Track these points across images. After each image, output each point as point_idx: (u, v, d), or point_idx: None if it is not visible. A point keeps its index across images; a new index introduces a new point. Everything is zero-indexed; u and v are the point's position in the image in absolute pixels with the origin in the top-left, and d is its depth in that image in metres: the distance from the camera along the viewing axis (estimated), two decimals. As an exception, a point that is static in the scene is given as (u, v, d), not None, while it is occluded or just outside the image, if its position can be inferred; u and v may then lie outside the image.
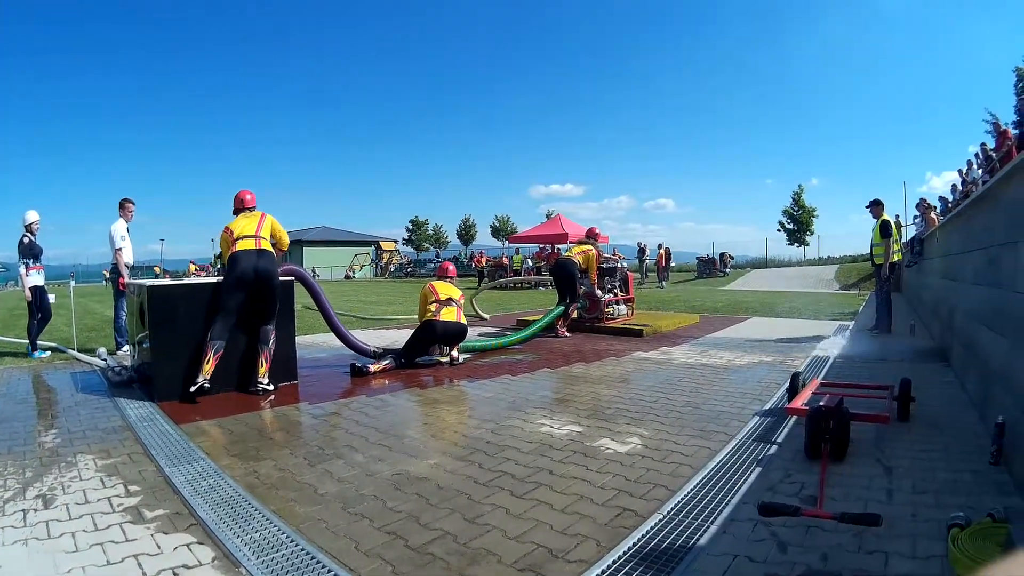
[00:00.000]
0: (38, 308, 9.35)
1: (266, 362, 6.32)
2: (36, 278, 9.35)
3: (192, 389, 5.86)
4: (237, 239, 6.34)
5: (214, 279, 6.73)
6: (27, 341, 9.51)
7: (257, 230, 6.49)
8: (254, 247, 6.34)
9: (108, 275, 9.89)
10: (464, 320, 7.97)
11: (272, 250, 6.47)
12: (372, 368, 7.29)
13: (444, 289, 8.10)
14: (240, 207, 6.77)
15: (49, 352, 9.53)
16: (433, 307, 7.89)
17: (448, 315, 7.80)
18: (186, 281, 6.88)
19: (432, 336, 7.81)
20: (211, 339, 6.02)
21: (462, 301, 8.07)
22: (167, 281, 6.93)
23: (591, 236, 11.46)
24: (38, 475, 4.03)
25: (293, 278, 7.05)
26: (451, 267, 8.84)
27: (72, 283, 13.04)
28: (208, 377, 5.93)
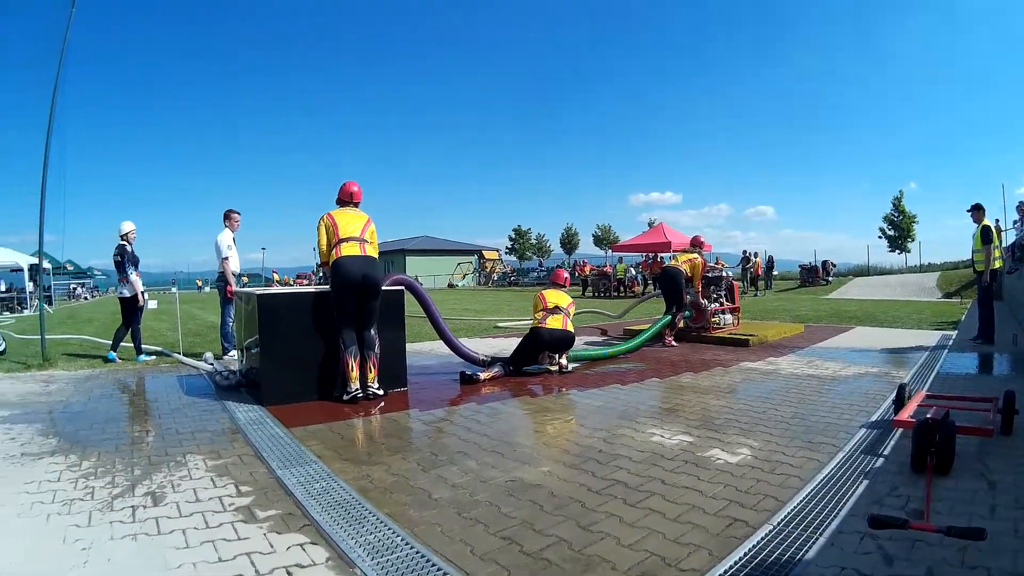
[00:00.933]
0: (133, 314, 10.31)
1: (375, 367, 6.76)
2: (137, 285, 10.29)
3: (346, 398, 6.52)
4: (342, 240, 6.69)
5: (322, 288, 7.25)
6: (111, 344, 10.50)
7: (362, 233, 6.83)
8: (359, 252, 6.70)
9: (215, 283, 10.85)
10: (571, 328, 8.45)
11: (376, 256, 6.91)
12: (482, 376, 7.75)
13: (553, 297, 8.63)
14: (347, 200, 7.10)
15: (153, 356, 10.57)
16: (540, 315, 8.41)
17: (554, 323, 8.26)
18: (295, 290, 7.45)
19: (540, 344, 8.25)
20: (346, 347, 6.59)
21: (571, 309, 8.61)
22: (276, 290, 7.54)
23: (696, 244, 12.07)
24: (147, 473, 4.42)
25: (403, 287, 7.63)
26: (564, 273, 9.52)
27: (174, 289, 13.77)
28: (358, 384, 6.57)
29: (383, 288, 7.01)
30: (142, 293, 10.24)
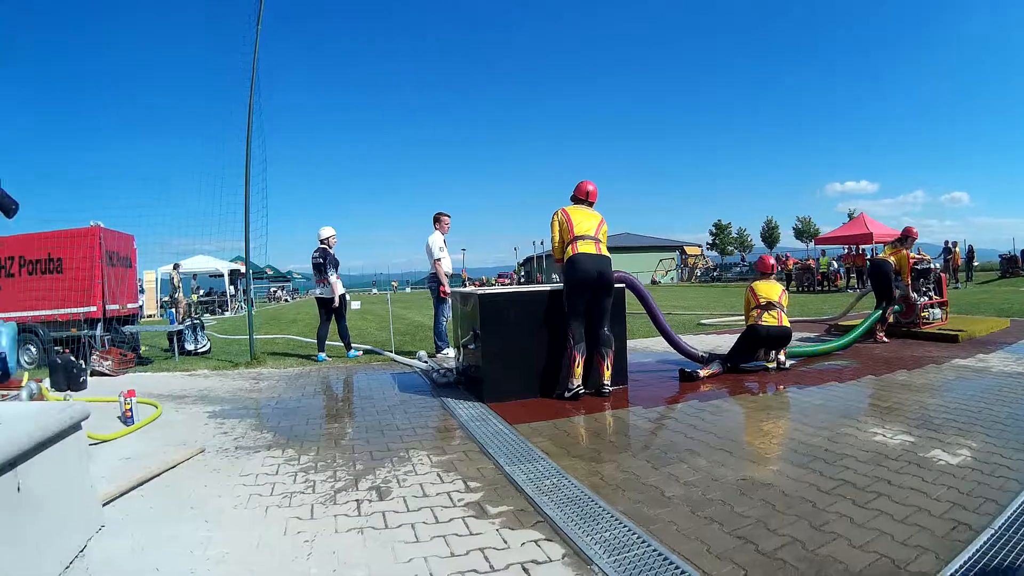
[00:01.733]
0: (332, 313, 11.19)
1: (610, 366, 7.09)
2: (336, 287, 11.15)
3: (567, 395, 6.80)
4: (578, 237, 7.07)
5: (545, 287, 7.64)
6: (313, 343, 11.66)
7: (596, 232, 7.18)
8: (594, 251, 7.03)
9: (427, 284, 11.41)
10: (787, 323, 8.70)
11: (609, 255, 7.19)
12: (701, 373, 8.05)
13: (764, 291, 8.84)
14: (582, 198, 7.50)
15: (361, 353, 11.36)
16: (755, 313, 8.69)
17: (770, 319, 8.53)
18: (515, 289, 7.90)
19: (757, 341, 8.57)
20: (575, 343, 6.89)
21: (784, 301, 8.80)
22: (498, 289, 7.99)
23: (906, 236, 12.03)
24: (369, 468, 4.73)
25: (624, 285, 7.99)
26: (770, 260, 9.82)
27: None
28: (581, 381, 6.85)
29: None
30: (341, 296, 11.15)
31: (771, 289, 8.81)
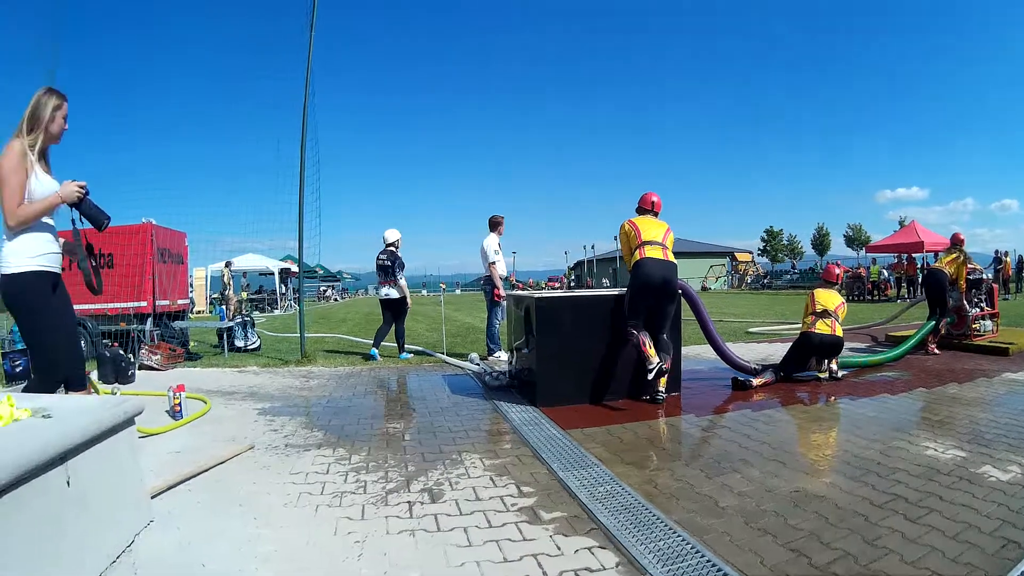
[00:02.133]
0: (398, 315, 11.35)
1: (667, 373, 7.05)
2: (405, 289, 11.37)
3: (650, 376, 6.66)
4: (645, 242, 7.10)
5: (602, 291, 7.70)
6: (397, 346, 11.30)
7: (663, 238, 7.21)
8: (661, 256, 7.05)
9: (481, 286, 11.84)
10: (840, 332, 8.56)
11: (675, 262, 7.20)
12: (754, 382, 7.96)
13: (823, 299, 8.75)
14: (648, 208, 7.53)
15: (412, 355, 11.38)
16: (809, 319, 8.67)
17: (823, 327, 8.42)
18: (571, 293, 7.89)
19: (809, 348, 8.48)
20: (638, 332, 6.81)
21: (841, 312, 8.69)
22: (553, 293, 8.05)
23: (956, 243, 11.80)
24: (421, 470, 4.71)
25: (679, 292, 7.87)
26: (836, 269, 9.65)
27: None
28: (657, 360, 6.71)
29: None
30: (399, 298, 11.27)
31: (830, 298, 8.73)
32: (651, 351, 6.77)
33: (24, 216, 4.05)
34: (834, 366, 8.47)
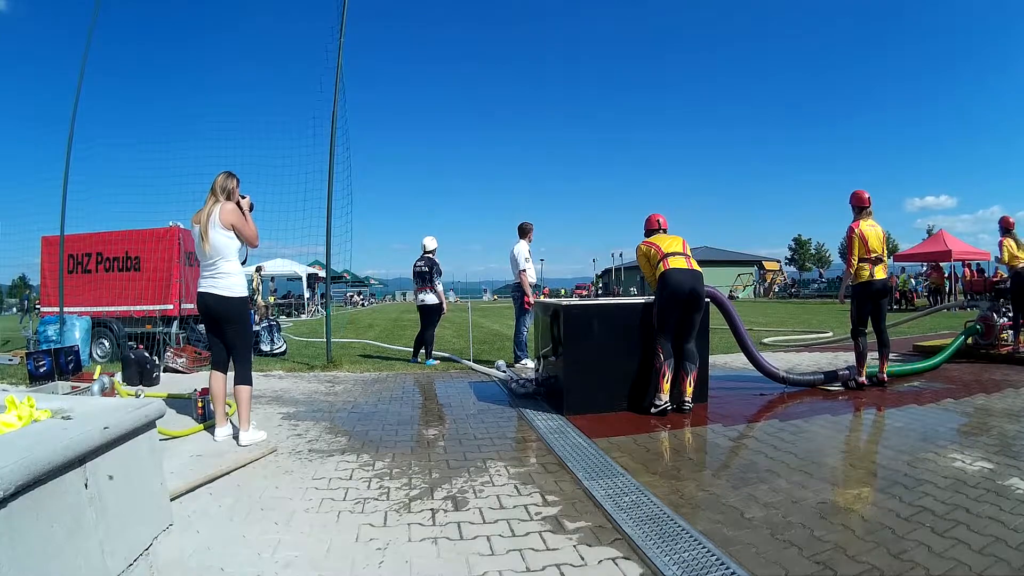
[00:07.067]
0: (429, 321, 11.56)
1: (694, 381, 7.10)
2: (442, 295, 11.60)
3: (654, 411, 6.79)
4: (668, 255, 7.17)
5: (630, 299, 7.67)
6: (425, 352, 11.45)
7: (684, 248, 7.35)
8: (686, 266, 7.11)
9: (510, 293, 11.88)
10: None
11: (700, 270, 7.27)
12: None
13: (874, 239, 8.50)
14: (656, 228, 7.71)
15: (438, 360, 11.49)
16: (866, 267, 8.40)
17: (880, 273, 8.38)
18: (598, 301, 7.71)
19: (871, 294, 8.40)
20: (664, 358, 6.90)
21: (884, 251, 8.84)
22: (581, 301, 7.87)
23: (1008, 227, 11.20)
24: (445, 477, 4.72)
25: (709, 300, 7.90)
26: (865, 193, 9.20)
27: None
28: (668, 398, 6.84)
29: None
30: (434, 305, 11.41)
31: (879, 235, 8.39)
32: (666, 387, 6.82)
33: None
34: (884, 375, 8.45)
